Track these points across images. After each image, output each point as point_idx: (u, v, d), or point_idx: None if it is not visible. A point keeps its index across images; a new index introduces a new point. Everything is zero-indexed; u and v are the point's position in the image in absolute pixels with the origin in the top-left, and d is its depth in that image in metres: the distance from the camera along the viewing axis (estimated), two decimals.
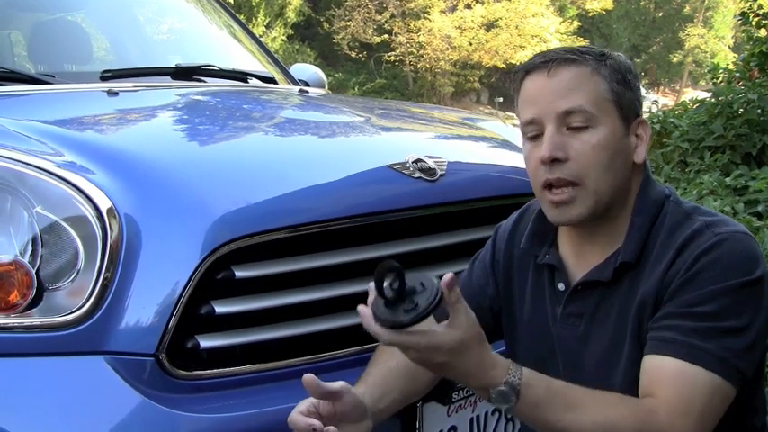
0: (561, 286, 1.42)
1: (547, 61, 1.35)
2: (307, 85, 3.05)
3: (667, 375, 1.24)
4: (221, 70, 2.67)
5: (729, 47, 31.51)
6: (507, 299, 1.53)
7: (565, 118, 1.32)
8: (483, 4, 27.92)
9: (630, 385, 1.30)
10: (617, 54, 1.40)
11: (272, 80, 2.89)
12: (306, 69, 3.34)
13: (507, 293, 1.54)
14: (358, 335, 1.58)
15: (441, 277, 1.15)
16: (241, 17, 4.17)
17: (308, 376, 1.25)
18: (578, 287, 1.39)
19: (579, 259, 1.41)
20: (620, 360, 1.34)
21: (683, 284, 1.28)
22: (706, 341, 1.23)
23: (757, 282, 1.27)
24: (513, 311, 1.52)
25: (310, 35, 28.54)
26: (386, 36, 27.74)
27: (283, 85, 2.96)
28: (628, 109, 1.36)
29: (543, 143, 1.33)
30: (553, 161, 1.32)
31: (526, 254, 1.50)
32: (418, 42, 27.63)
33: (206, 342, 1.42)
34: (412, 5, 27.69)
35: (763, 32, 6.26)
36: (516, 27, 27.50)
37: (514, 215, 1.59)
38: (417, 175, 1.69)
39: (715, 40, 32.72)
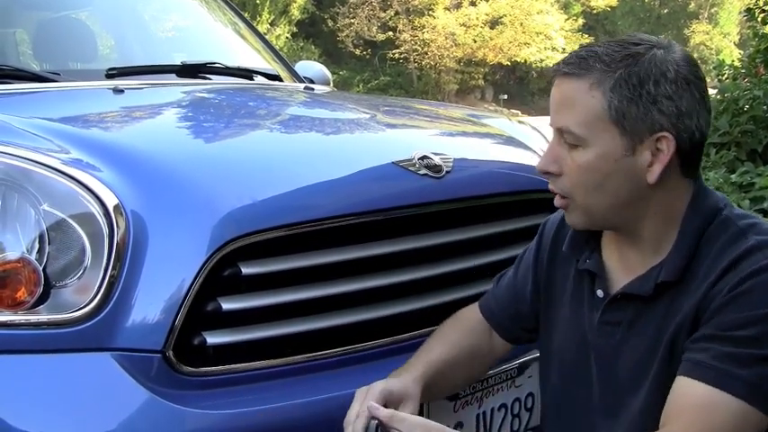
0: (600, 293, 1.38)
1: (557, 70, 1.30)
2: (312, 82, 3.05)
3: (693, 400, 1.20)
4: (226, 68, 2.67)
5: (735, 43, 31.44)
6: (547, 300, 1.50)
7: (561, 133, 1.29)
8: (488, 1, 27.88)
9: (657, 402, 1.27)
10: (661, 53, 1.24)
11: (277, 77, 2.89)
12: (311, 66, 3.34)
13: (548, 294, 1.50)
14: (365, 332, 1.59)
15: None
16: (245, 14, 4.17)
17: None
18: (617, 296, 1.34)
19: (622, 264, 1.36)
20: (650, 374, 1.30)
21: (724, 305, 1.22)
22: (739, 367, 1.18)
23: None
24: (551, 314, 1.49)
25: (315, 33, 28.53)
26: (390, 33, 27.73)
27: (288, 83, 2.96)
28: (636, 125, 1.24)
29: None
30: (547, 173, 1.31)
31: (569, 256, 1.46)
32: (423, 40, 27.61)
33: (213, 339, 1.43)
34: (416, 2, 27.68)
35: None
36: (521, 24, 27.48)
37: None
38: (423, 171, 1.69)
39: (720, 37, 32.64)
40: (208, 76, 2.60)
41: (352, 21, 27.46)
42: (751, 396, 1.18)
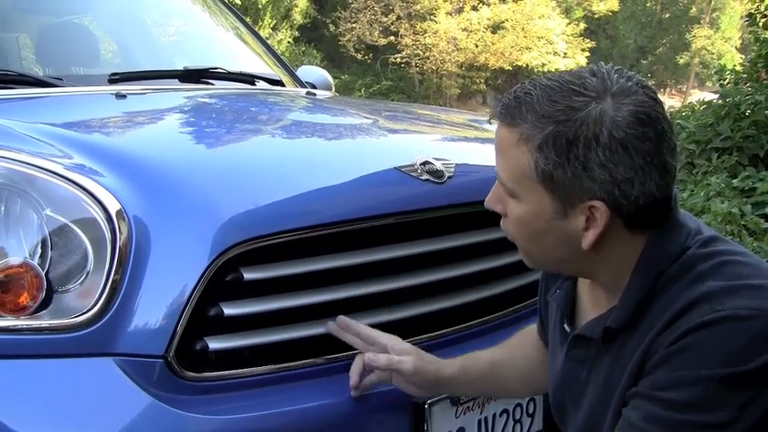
0: (567, 327, 1.32)
1: (494, 107, 1.19)
2: (314, 87, 3.06)
3: None
4: (229, 73, 2.68)
5: (736, 48, 31.43)
6: (546, 322, 1.48)
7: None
8: (489, 5, 27.90)
9: None
10: (600, 109, 1.08)
11: (279, 82, 2.90)
12: (312, 71, 3.35)
13: (546, 317, 1.47)
14: None
15: None
16: (247, 19, 4.18)
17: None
18: (577, 335, 1.27)
19: (591, 297, 1.29)
20: (605, 419, 1.22)
21: (660, 361, 1.10)
22: (666, 431, 1.08)
23: (755, 372, 1.05)
24: (549, 337, 1.46)
25: (316, 37, 28.57)
26: (392, 38, 27.74)
27: (290, 88, 2.96)
28: (564, 190, 1.12)
29: None
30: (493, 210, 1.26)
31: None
32: (424, 44, 27.61)
33: (215, 344, 1.43)
34: (418, 7, 27.69)
35: None
36: (522, 29, 27.47)
37: None
38: (425, 177, 1.69)
39: (722, 42, 32.62)
40: (210, 81, 2.60)
41: (354, 25, 27.47)
42: None
